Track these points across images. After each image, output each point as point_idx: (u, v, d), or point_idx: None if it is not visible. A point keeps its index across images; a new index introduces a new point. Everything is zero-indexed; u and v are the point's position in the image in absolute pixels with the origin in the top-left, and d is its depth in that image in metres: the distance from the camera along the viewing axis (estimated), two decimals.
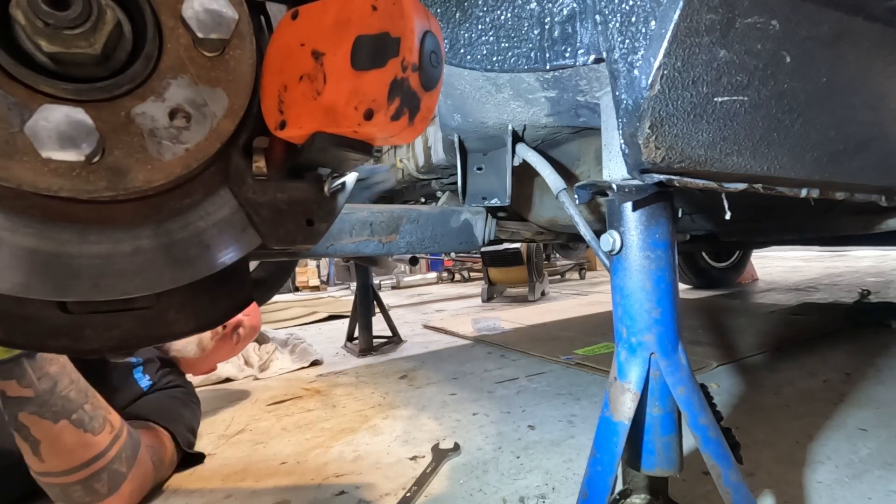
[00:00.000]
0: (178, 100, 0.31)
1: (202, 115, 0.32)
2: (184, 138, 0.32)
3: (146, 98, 0.31)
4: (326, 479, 1.10)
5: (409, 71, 0.33)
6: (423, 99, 0.35)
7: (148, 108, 0.31)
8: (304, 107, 0.34)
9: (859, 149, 0.65)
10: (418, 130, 0.37)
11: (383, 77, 0.32)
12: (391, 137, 0.36)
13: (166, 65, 0.31)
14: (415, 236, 0.77)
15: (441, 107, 0.80)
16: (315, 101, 0.33)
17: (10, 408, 0.78)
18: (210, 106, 0.32)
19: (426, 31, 0.34)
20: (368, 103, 0.32)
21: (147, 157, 0.31)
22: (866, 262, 5.08)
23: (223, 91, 0.33)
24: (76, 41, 0.27)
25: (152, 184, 0.31)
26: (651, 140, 0.49)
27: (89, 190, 0.30)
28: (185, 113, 0.32)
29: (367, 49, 0.32)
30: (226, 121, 0.33)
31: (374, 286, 2.41)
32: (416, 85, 0.34)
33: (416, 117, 0.35)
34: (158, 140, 0.31)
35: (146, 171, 0.31)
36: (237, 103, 0.34)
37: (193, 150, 0.32)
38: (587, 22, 0.53)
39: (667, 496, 0.66)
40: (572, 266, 5.69)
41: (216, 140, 0.33)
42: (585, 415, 1.37)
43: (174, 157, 0.32)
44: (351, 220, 0.70)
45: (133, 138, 0.30)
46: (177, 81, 0.31)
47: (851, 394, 1.39)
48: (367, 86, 0.32)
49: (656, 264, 0.59)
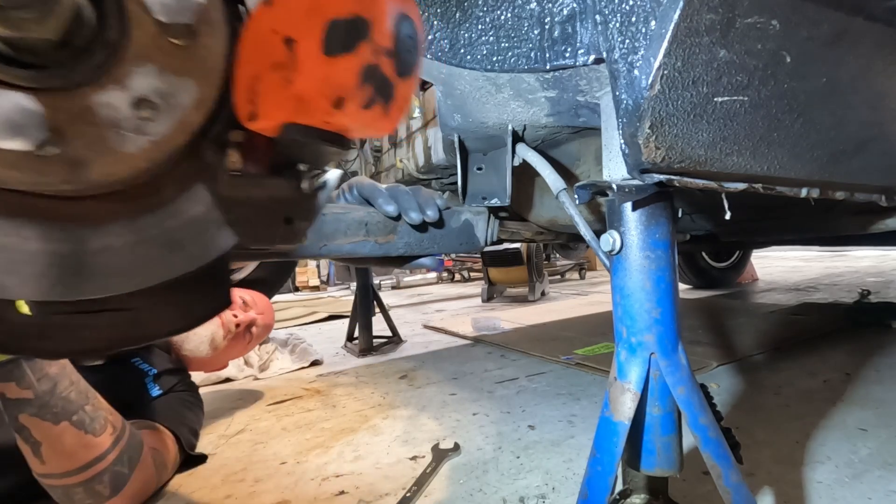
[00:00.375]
0: (143, 89, 0.29)
1: (169, 105, 0.30)
2: (148, 130, 0.30)
3: (108, 87, 0.29)
4: (326, 479, 1.10)
5: (381, 56, 0.31)
6: (399, 87, 0.33)
7: (110, 97, 0.29)
8: (275, 97, 0.32)
9: (859, 149, 0.65)
10: (395, 121, 0.35)
11: (353, 63, 0.31)
12: (366, 129, 0.34)
13: (131, 52, 0.29)
14: (413, 237, 0.74)
15: (441, 107, 0.80)
16: (286, 91, 0.32)
17: (11, 409, 0.78)
18: (177, 96, 0.30)
19: (402, 14, 0.32)
20: (338, 91, 0.31)
21: (108, 148, 0.29)
22: (866, 262, 5.08)
23: (192, 81, 0.31)
24: (28, 25, 0.26)
25: (113, 177, 0.30)
26: (651, 140, 0.49)
27: (44, 182, 0.28)
28: (150, 103, 0.30)
29: (339, 34, 0.31)
30: (194, 112, 0.31)
31: (374, 286, 2.41)
32: (390, 71, 0.32)
33: (392, 107, 0.34)
34: (121, 131, 0.29)
35: (107, 163, 0.29)
36: (207, 94, 0.32)
37: (159, 142, 0.30)
38: (587, 22, 0.53)
39: (667, 496, 0.66)
40: (572, 266, 5.69)
41: (184, 132, 0.31)
42: (585, 415, 1.37)
43: (137, 150, 0.30)
44: (346, 221, 0.67)
45: (93, 129, 0.29)
46: (142, 70, 0.29)
47: (851, 394, 1.39)
48: (337, 73, 0.31)
49: (656, 264, 0.59)
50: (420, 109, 1.23)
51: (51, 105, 0.27)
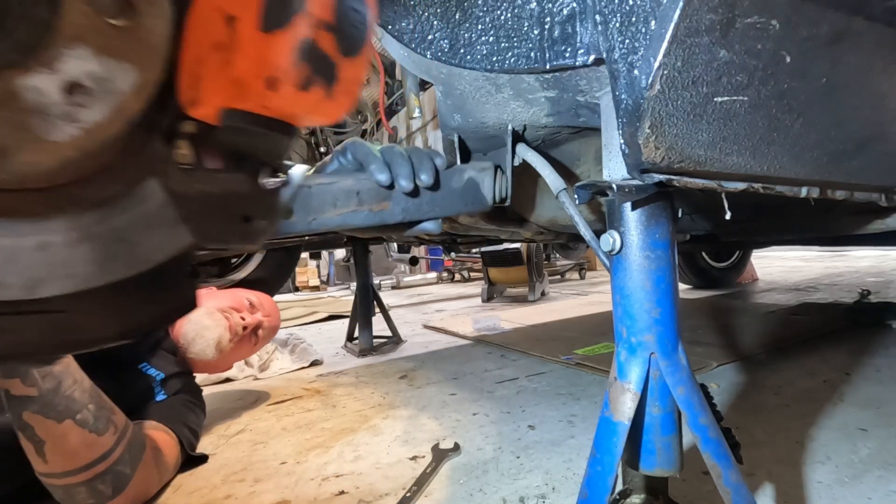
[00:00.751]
0: (75, 73, 0.27)
1: (104, 91, 0.28)
2: (80, 116, 0.28)
3: (34, 70, 0.26)
4: (326, 479, 1.10)
5: (319, 30, 0.29)
6: (343, 66, 0.31)
7: (37, 81, 0.26)
8: (214, 81, 0.30)
9: (859, 149, 0.65)
10: (342, 105, 0.32)
11: (287, 38, 0.29)
12: (309, 114, 0.32)
13: (62, 33, 0.26)
14: (411, 202, 0.67)
15: (441, 107, 0.79)
16: (224, 74, 0.29)
17: (15, 407, 0.78)
18: (114, 81, 0.28)
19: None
20: (271, 70, 0.29)
21: (32, 136, 0.27)
22: (866, 262, 5.08)
23: (131, 64, 0.28)
24: None
25: (38, 166, 0.28)
26: (651, 140, 0.50)
27: None
28: (82, 88, 0.27)
29: (275, 7, 0.28)
30: (133, 98, 0.29)
31: (374, 286, 2.41)
32: (331, 48, 0.30)
33: (335, 88, 0.31)
34: (48, 118, 0.27)
35: (30, 151, 0.27)
36: (147, 78, 0.29)
37: (91, 129, 0.28)
38: (587, 22, 0.53)
39: (667, 496, 0.66)
40: (572, 266, 5.69)
41: (120, 119, 0.29)
42: (585, 415, 1.37)
43: (67, 138, 0.28)
44: (333, 191, 0.61)
45: (15, 115, 0.26)
46: (74, 52, 0.27)
47: (851, 394, 1.39)
48: (271, 50, 0.29)
49: (656, 264, 0.59)
50: (420, 109, 1.23)
51: None
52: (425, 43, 0.63)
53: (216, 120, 0.31)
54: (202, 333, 1.30)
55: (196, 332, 1.31)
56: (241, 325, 1.41)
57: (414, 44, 0.64)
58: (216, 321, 1.33)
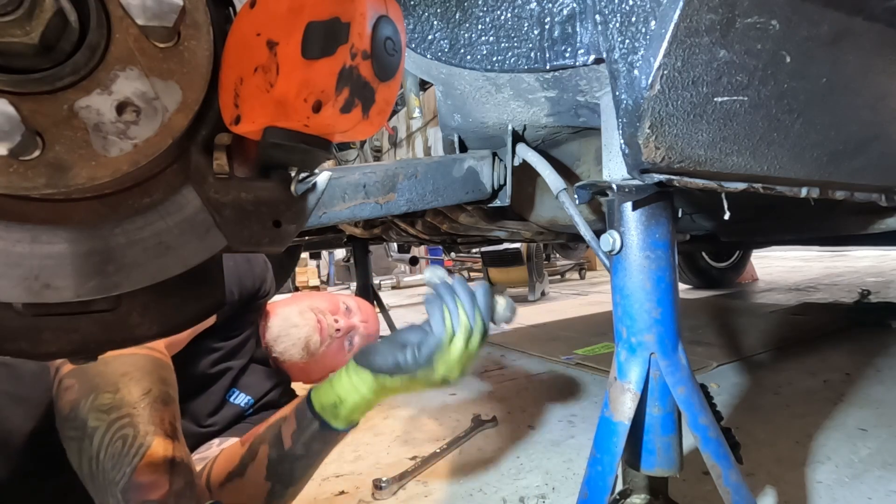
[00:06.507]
0: (127, 93, 0.30)
1: (153, 109, 0.30)
2: (132, 133, 0.30)
3: (91, 91, 0.29)
4: (326, 479, 1.10)
5: (358, 59, 0.31)
6: (379, 90, 0.33)
7: (93, 101, 0.29)
8: (257, 100, 0.32)
9: (859, 149, 0.65)
10: (376, 125, 0.35)
11: (332, 66, 0.31)
12: (347, 132, 0.34)
13: (114, 55, 0.29)
14: (415, 192, 0.70)
15: (441, 107, 0.79)
16: (268, 94, 0.32)
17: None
18: (161, 99, 0.31)
19: (380, 15, 0.32)
20: (317, 94, 0.31)
21: (91, 152, 0.29)
22: (866, 262, 5.08)
23: (176, 84, 0.31)
24: (9, 29, 0.26)
25: (97, 181, 0.30)
26: (651, 140, 0.50)
27: (27, 187, 0.28)
28: (133, 107, 0.30)
29: (317, 36, 0.31)
30: (179, 115, 0.31)
31: (374, 286, 2.41)
32: (369, 74, 0.32)
33: (372, 110, 0.34)
34: (104, 135, 0.29)
35: (90, 167, 0.29)
36: (191, 97, 0.32)
37: (142, 145, 0.31)
38: (587, 22, 0.53)
39: (667, 496, 0.66)
40: (572, 266, 5.68)
41: (168, 135, 0.31)
42: (585, 415, 1.37)
43: (121, 154, 0.30)
44: (342, 185, 0.64)
45: (76, 133, 0.29)
46: (125, 73, 0.29)
47: (851, 394, 1.39)
48: (316, 76, 0.31)
49: (656, 264, 0.59)
50: (420, 109, 1.22)
51: (32, 109, 0.28)
52: (425, 43, 0.63)
53: (258, 136, 0.34)
54: (288, 331, 1.19)
55: (282, 328, 1.19)
56: (335, 327, 1.25)
57: (414, 44, 0.64)
58: (306, 320, 1.20)
